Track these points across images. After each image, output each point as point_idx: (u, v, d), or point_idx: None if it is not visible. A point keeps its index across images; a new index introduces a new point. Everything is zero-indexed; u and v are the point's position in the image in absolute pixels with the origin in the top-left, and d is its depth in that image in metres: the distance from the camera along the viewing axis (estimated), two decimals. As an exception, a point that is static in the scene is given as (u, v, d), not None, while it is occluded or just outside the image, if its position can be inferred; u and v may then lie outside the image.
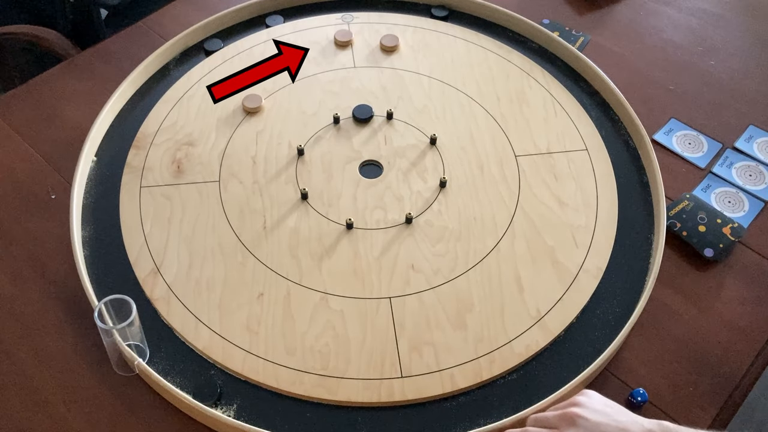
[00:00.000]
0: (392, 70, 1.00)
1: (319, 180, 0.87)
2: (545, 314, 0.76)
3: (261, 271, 0.79)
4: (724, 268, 0.82)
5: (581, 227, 0.83)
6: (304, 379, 0.72)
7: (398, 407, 0.71)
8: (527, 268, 0.80)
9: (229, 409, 0.70)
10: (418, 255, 0.80)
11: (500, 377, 0.73)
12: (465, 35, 1.05)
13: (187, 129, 0.92)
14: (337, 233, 0.82)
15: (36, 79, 1.01)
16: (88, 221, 0.84)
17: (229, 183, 0.87)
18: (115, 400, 0.72)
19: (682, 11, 1.13)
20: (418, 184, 0.87)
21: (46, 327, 0.77)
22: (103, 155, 0.91)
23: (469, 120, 0.94)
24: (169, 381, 0.71)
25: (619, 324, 0.75)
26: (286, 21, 1.06)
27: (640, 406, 0.71)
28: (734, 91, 1.01)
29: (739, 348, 0.76)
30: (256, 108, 0.94)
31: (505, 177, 0.88)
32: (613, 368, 0.74)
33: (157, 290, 0.78)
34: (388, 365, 0.73)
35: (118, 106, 0.95)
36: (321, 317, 0.76)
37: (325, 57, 1.01)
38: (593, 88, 0.99)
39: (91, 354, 0.74)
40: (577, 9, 1.13)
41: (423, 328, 0.75)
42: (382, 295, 0.77)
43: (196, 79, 0.98)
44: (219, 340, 0.74)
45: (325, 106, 0.95)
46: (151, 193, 0.86)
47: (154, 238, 0.82)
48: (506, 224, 0.83)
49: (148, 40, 1.05)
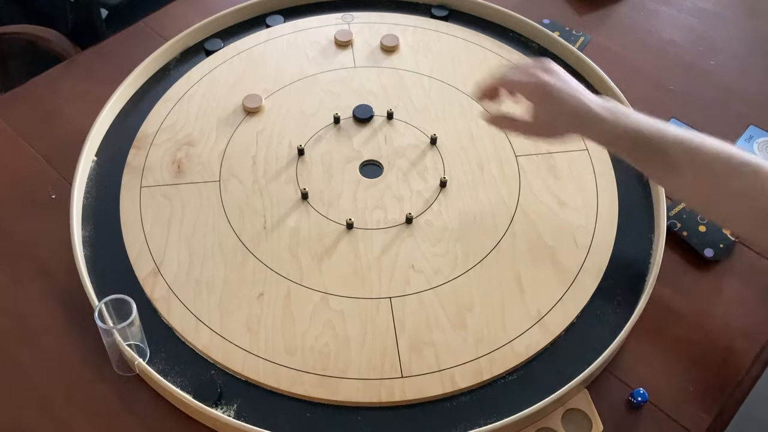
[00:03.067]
0: (392, 70, 1.00)
1: (320, 180, 0.87)
2: (545, 314, 0.76)
3: (261, 271, 0.79)
4: (724, 268, 0.82)
5: (581, 227, 0.83)
6: (304, 379, 0.72)
7: (398, 407, 0.71)
8: (527, 268, 0.80)
9: (229, 409, 0.70)
10: (418, 255, 0.80)
11: (500, 377, 0.73)
12: (465, 35, 1.05)
13: (187, 129, 0.92)
14: (337, 233, 0.82)
15: (36, 79, 1.01)
16: (88, 221, 0.84)
17: (229, 183, 0.87)
18: (115, 400, 0.72)
19: (682, 11, 1.13)
20: (418, 184, 0.87)
21: (46, 327, 0.77)
22: (103, 155, 0.91)
23: (469, 120, 0.94)
24: (169, 381, 0.71)
25: (619, 324, 0.75)
26: (286, 21, 1.06)
27: (640, 406, 0.71)
28: (734, 91, 1.01)
29: (739, 348, 0.76)
30: (256, 108, 0.94)
31: (505, 177, 0.88)
32: (613, 368, 0.74)
33: (157, 290, 0.78)
34: (388, 365, 0.73)
35: (118, 106, 0.95)
36: (321, 317, 0.76)
37: (325, 57, 1.01)
38: (593, 88, 0.99)
39: (91, 354, 0.74)
40: (577, 9, 1.13)
41: (423, 328, 0.75)
42: (383, 295, 0.77)
43: (196, 79, 0.98)
44: (219, 340, 0.74)
45: (325, 106, 0.95)
46: (151, 193, 0.86)
47: (154, 238, 0.82)
48: (506, 224, 0.83)
49: (148, 40, 1.05)
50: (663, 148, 0.69)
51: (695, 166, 0.68)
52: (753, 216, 0.67)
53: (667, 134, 0.70)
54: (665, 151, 0.69)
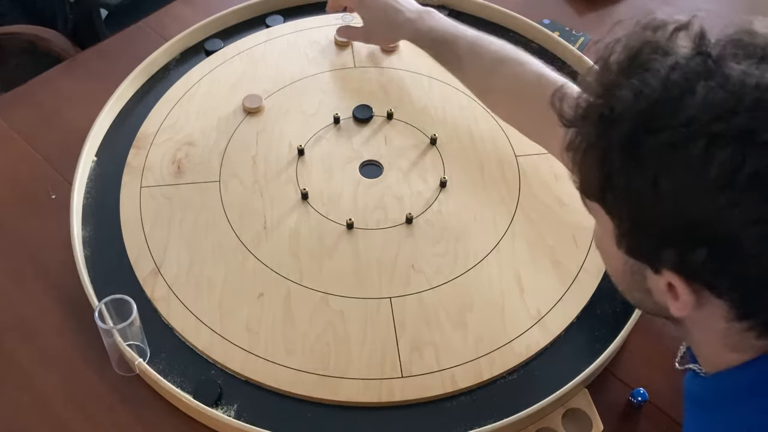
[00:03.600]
0: (392, 70, 1.00)
1: (320, 180, 0.87)
2: (545, 314, 0.76)
3: (261, 271, 0.79)
4: (724, 268, 0.82)
5: (581, 227, 0.83)
6: (304, 379, 0.72)
7: (399, 407, 0.71)
8: (527, 268, 0.80)
9: (230, 409, 0.70)
10: (418, 255, 0.80)
11: (500, 377, 0.73)
12: (465, 35, 1.05)
13: (187, 129, 0.92)
14: (338, 233, 0.82)
15: (36, 79, 1.01)
16: (88, 221, 0.84)
17: (229, 183, 0.87)
18: (115, 400, 0.72)
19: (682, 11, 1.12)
20: (418, 184, 0.87)
21: (46, 327, 0.77)
22: (103, 155, 0.91)
23: (469, 120, 0.94)
24: (169, 381, 0.71)
25: (619, 324, 0.75)
26: (286, 21, 1.06)
27: (640, 406, 0.71)
28: (734, 91, 1.01)
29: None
30: (256, 108, 0.94)
31: (505, 177, 0.88)
32: (613, 368, 0.74)
33: (157, 290, 0.78)
34: (389, 365, 0.73)
35: (118, 106, 0.95)
36: (321, 317, 0.76)
37: (325, 57, 1.01)
38: (593, 88, 0.98)
39: (91, 354, 0.74)
40: (577, 9, 1.13)
41: (423, 328, 0.75)
42: (383, 295, 0.77)
43: (196, 79, 0.98)
44: (219, 340, 0.74)
45: (325, 106, 0.95)
46: (151, 193, 0.86)
47: (154, 238, 0.82)
48: (506, 224, 0.83)
49: (148, 40, 1.05)
50: (454, 47, 0.85)
51: (475, 58, 0.83)
52: (508, 98, 0.82)
53: (461, 35, 0.85)
54: (455, 49, 0.84)
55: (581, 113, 0.50)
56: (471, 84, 0.87)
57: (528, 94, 0.78)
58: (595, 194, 0.51)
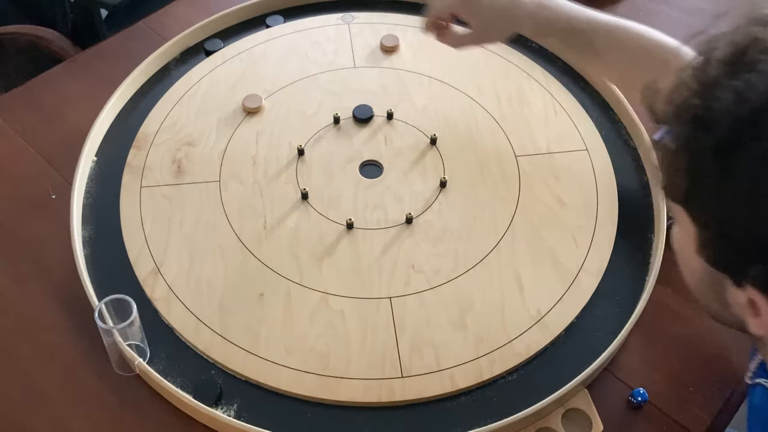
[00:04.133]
0: (392, 70, 1.00)
1: (320, 180, 0.87)
2: (545, 314, 0.76)
3: (261, 271, 0.79)
4: (724, 268, 0.82)
5: (581, 227, 0.83)
6: (304, 379, 0.72)
7: (398, 407, 0.71)
8: (527, 268, 0.80)
9: (230, 409, 0.70)
10: (418, 255, 0.80)
11: (500, 377, 0.73)
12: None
13: (187, 129, 0.92)
14: (338, 233, 0.82)
15: (36, 79, 1.01)
16: (88, 221, 0.84)
17: (229, 183, 0.87)
18: (115, 400, 0.72)
19: (681, 11, 1.13)
20: (418, 184, 0.87)
21: (46, 327, 0.77)
22: (103, 155, 0.91)
23: (469, 120, 0.94)
24: (169, 381, 0.71)
25: (619, 324, 0.75)
26: (286, 21, 1.06)
27: (640, 406, 0.71)
28: (734, 91, 1.01)
29: (739, 348, 0.76)
30: (256, 108, 0.94)
31: (505, 177, 0.88)
32: (613, 368, 0.74)
33: (157, 290, 0.78)
34: (389, 365, 0.73)
35: (118, 106, 0.95)
36: (321, 317, 0.76)
37: (325, 57, 1.01)
38: (593, 88, 0.99)
39: (91, 354, 0.74)
40: (577, 9, 1.13)
41: (423, 328, 0.75)
42: (383, 295, 0.77)
43: (196, 79, 0.98)
44: (219, 340, 0.74)
45: (325, 106, 0.95)
46: (152, 193, 0.86)
47: (154, 238, 0.82)
48: (506, 224, 0.83)
49: (148, 40, 1.05)
50: (590, 38, 0.79)
51: (615, 49, 0.78)
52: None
53: (596, 23, 0.79)
54: (591, 40, 0.79)
55: (673, 110, 0.46)
56: (609, 75, 0.86)
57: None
58: (679, 198, 0.48)
